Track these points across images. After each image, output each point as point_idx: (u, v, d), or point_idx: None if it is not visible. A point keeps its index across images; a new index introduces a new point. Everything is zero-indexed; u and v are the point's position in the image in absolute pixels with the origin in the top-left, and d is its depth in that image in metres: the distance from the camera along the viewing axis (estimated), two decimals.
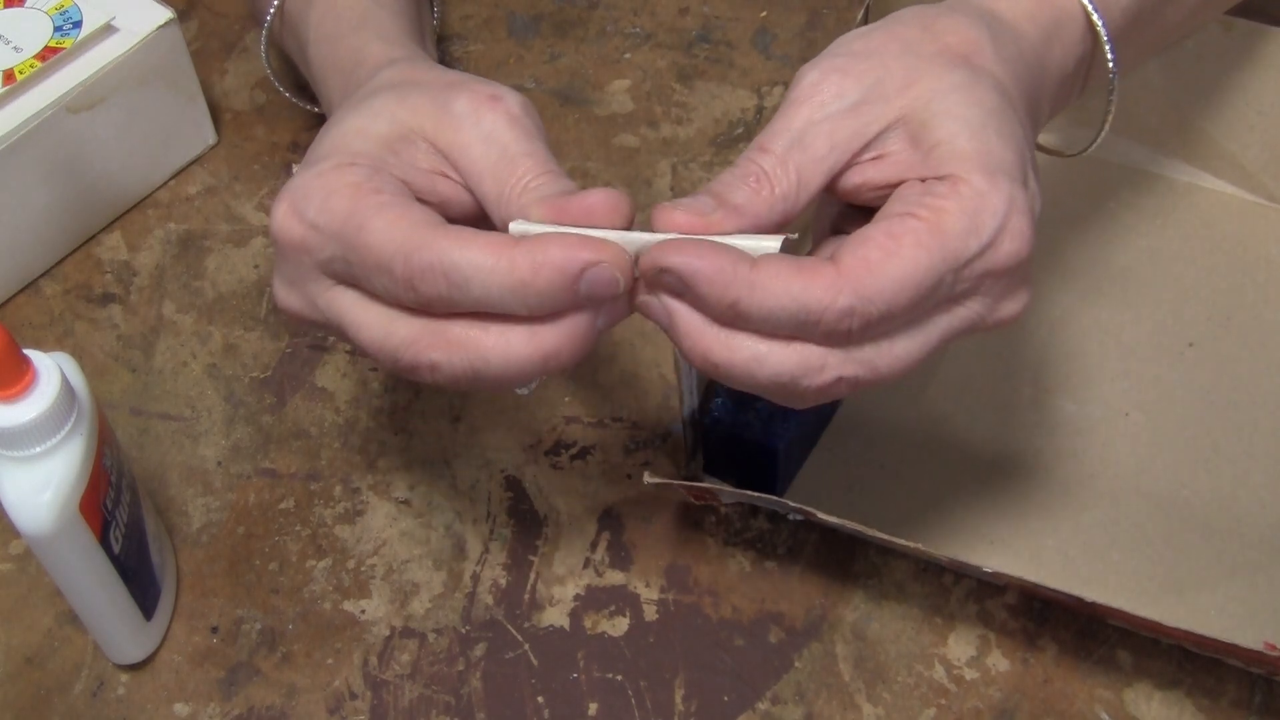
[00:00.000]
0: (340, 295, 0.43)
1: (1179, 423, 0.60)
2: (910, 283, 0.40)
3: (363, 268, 0.41)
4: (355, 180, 0.43)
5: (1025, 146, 0.43)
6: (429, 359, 0.41)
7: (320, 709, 0.53)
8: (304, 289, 0.44)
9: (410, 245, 0.40)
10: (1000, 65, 0.44)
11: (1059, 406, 0.60)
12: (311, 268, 0.43)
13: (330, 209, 0.42)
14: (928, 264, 0.40)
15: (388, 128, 0.45)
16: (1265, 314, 0.63)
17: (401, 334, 0.42)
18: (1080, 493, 0.58)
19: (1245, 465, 0.58)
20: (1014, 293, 0.43)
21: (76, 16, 0.63)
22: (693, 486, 0.55)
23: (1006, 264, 0.41)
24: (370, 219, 0.41)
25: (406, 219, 0.41)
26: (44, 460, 0.45)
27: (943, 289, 0.41)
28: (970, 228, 0.40)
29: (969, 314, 0.42)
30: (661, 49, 0.75)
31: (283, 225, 0.43)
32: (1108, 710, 0.52)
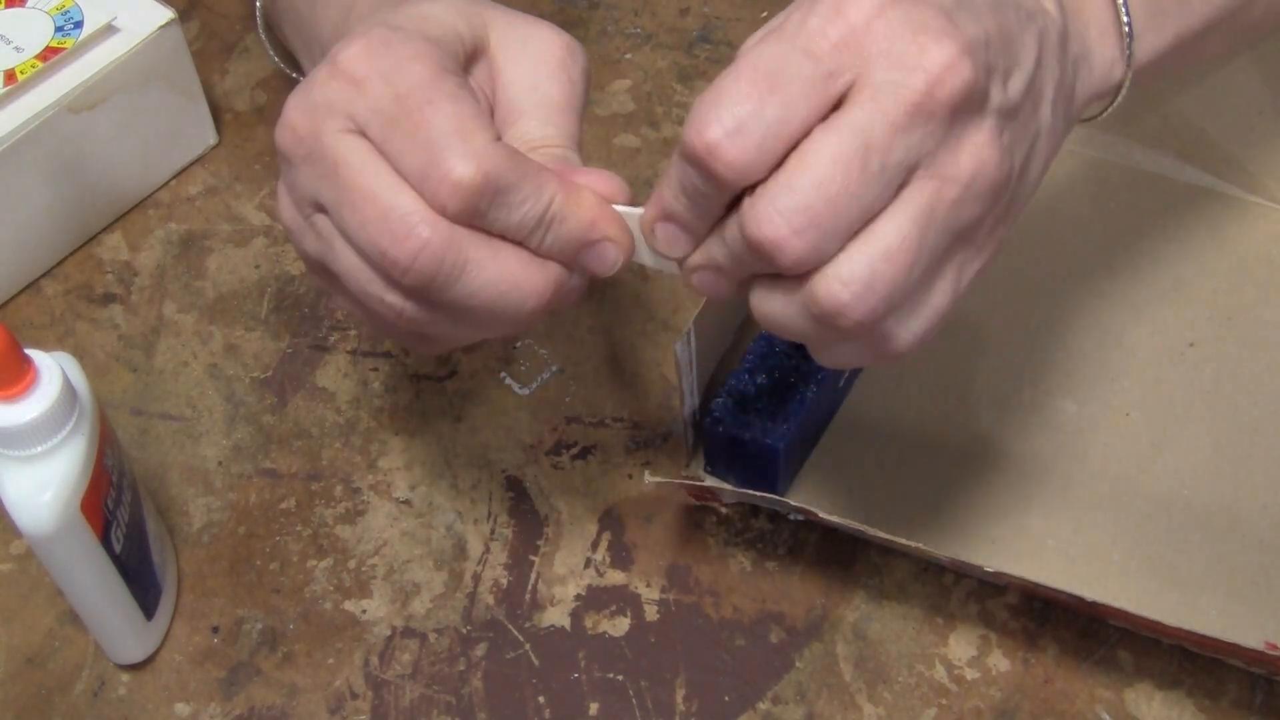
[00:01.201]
0: (350, 141, 0.41)
1: (1179, 423, 0.60)
2: (754, 71, 0.37)
3: (408, 141, 0.40)
4: (439, 59, 0.41)
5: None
6: (423, 236, 0.39)
7: (321, 709, 0.53)
8: (321, 119, 0.41)
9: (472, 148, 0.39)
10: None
11: (1059, 407, 0.60)
12: (347, 106, 0.41)
13: (406, 70, 0.40)
14: (773, 52, 0.37)
15: (464, 27, 0.44)
16: (1265, 314, 0.63)
17: (410, 207, 0.40)
18: (1081, 493, 0.58)
19: (1246, 465, 0.58)
20: (916, 42, 0.37)
21: (77, 17, 0.63)
22: (694, 486, 0.56)
23: (862, 16, 0.37)
24: (441, 101, 0.40)
25: (477, 120, 0.40)
26: (45, 460, 0.45)
27: (805, 74, 0.37)
28: (805, 11, 0.37)
29: (881, 89, 0.37)
30: (662, 49, 0.75)
31: (354, 57, 0.41)
32: (1108, 710, 0.52)
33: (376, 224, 0.40)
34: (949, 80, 0.37)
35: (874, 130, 0.37)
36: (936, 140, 0.37)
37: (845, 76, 0.37)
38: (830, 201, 0.37)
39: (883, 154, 0.37)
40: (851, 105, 0.37)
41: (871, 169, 0.37)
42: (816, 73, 0.37)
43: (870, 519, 0.52)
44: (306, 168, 0.42)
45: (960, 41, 0.37)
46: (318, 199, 0.42)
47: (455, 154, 0.39)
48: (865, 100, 0.37)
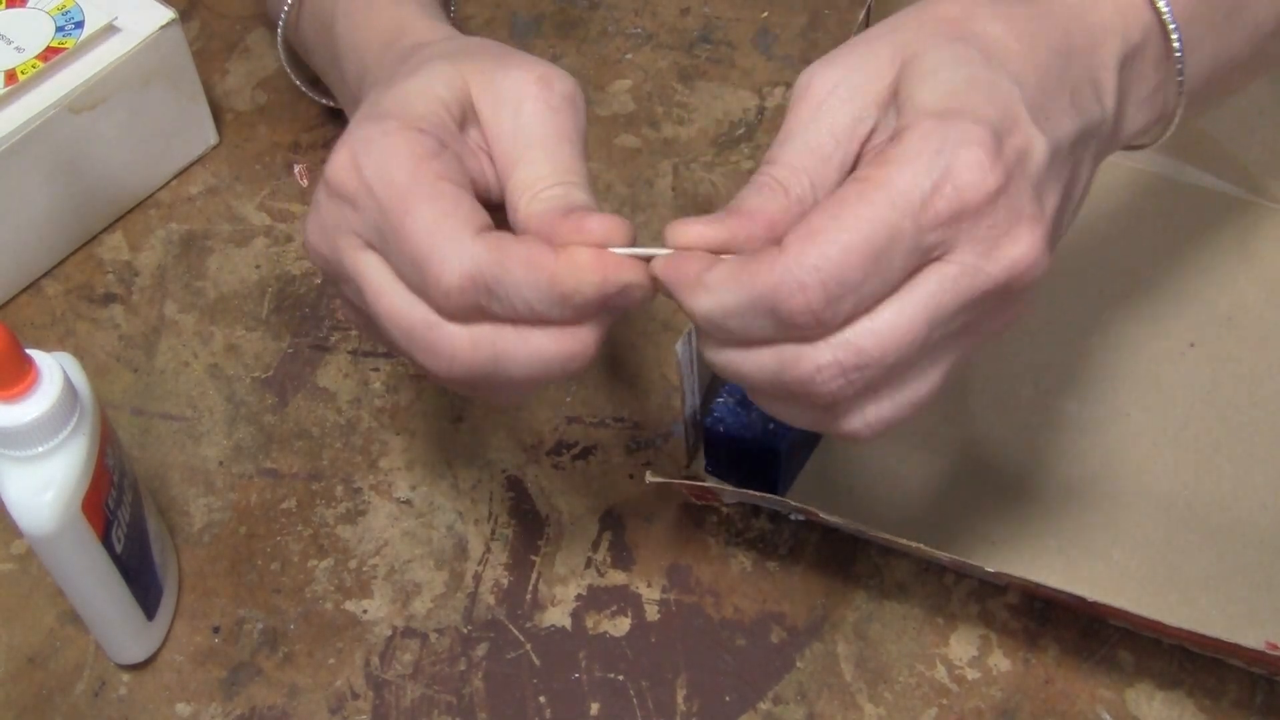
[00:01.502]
0: (368, 259, 0.42)
1: (1179, 423, 0.60)
2: (858, 242, 0.37)
3: (399, 257, 0.41)
4: (420, 152, 0.42)
5: (1012, 92, 0.40)
6: (447, 350, 0.41)
7: (322, 709, 0.53)
8: (335, 240, 0.43)
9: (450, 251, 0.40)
10: (998, 22, 0.41)
11: (1060, 407, 0.60)
12: (349, 223, 0.42)
13: (387, 175, 0.41)
14: (874, 217, 0.37)
15: (447, 92, 0.44)
16: (1265, 314, 0.63)
17: (423, 314, 0.41)
18: (1081, 493, 0.58)
19: (1246, 465, 0.58)
20: (1006, 230, 0.38)
21: (78, 17, 0.63)
22: (694, 486, 0.56)
23: (975, 198, 0.38)
24: (418, 206, 0.40)
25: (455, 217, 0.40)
26: (46, 460, 0.45)
27: (905, 243, 0.38)
28: (915, 170, 0.38)
29: (960, 269, 0.38)
30: (663, 49, 0.75)
31: (339, 174, 0.42)
32: (1109, 710, 0.52)
33: (406, 342, 0.42)
34: (1026, 274, 0.39)
35: (944, 307, 0.39)
36: (989, 314, 0.40)
37: (940, 249, 0.38)
38: (886, 365, 0.39)
39: (944, 325, 0.39)
40: (930, 274, 0.39)
41: (933, 338, 0.39)
42: (919, 246, 0.38)
43: (870, 519, 0.52)
44: (344, 285, 0.44)
45: (1044, 229, 0.39)
46: (360, 309, 0.44)
47: (436, 264, 0.40)
48: (945, 276, 0.39)
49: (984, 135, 0.38)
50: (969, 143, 0.38)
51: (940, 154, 0.38)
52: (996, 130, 0.39)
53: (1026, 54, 0.41)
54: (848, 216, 0.38)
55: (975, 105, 0.39)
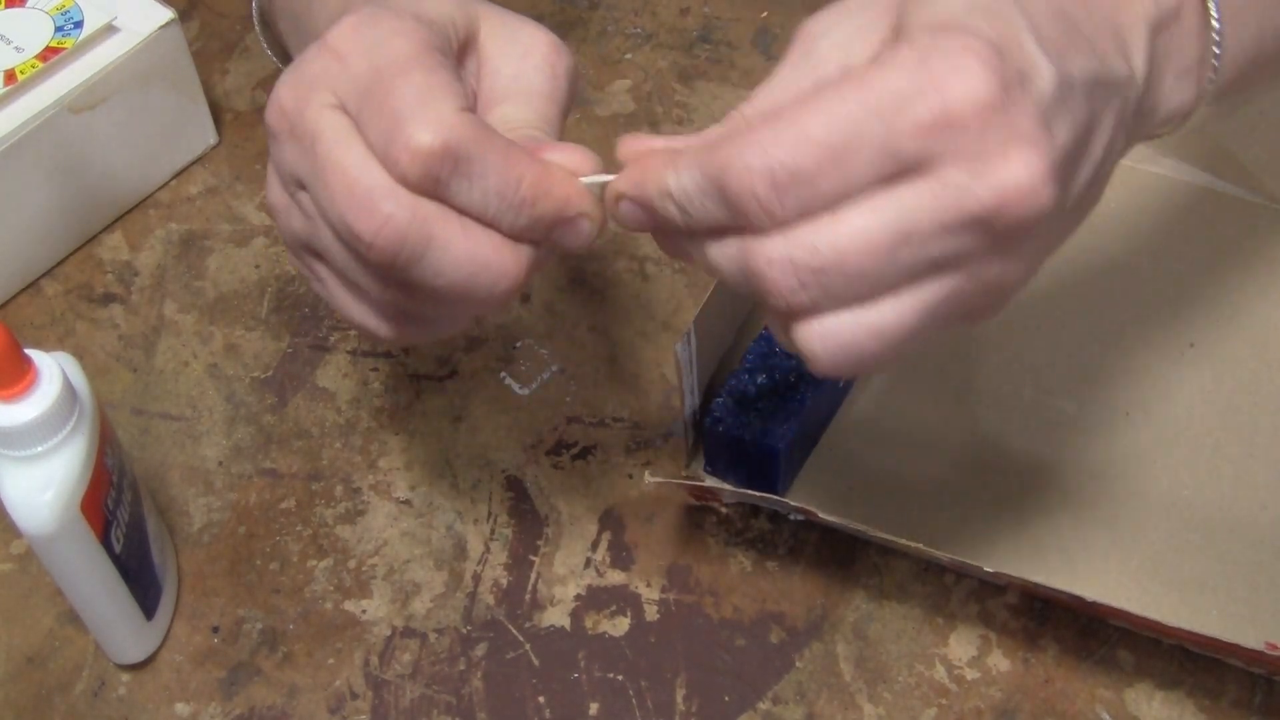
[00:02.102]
0: (333, 116, 0.40)
1: (1179, 423, 0.60)
2: (818, 133, 0.35)
3: (376, 110, 0.39)
4: (425, 36, 0.41)
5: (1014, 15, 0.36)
6: (387, 210, 0.39)
7: (321, 709, 0.53)
8: (309, 92, 0.41)
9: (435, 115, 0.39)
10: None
11: (1059, 407, 0.60)
12: (329, 80, 0.41)
13: (388, 44, 0.40)
14: (842, 112, 0.35)
15: (458, 14, 0.43)
16: (1266, 314, 0.63)
17: (376, 181, 0.39)
18: (1081, 493, 0.58)
19: (1246, 465, 0.58)
20: (1000, 149, 0.35)
21: (78, 16, 0.63)
22: (694, 486, 0.56)
23: (963, 108, 0.34)
24: (414, 71, 0.39)
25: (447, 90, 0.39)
26: (45, 460, 0.45)
27: (873, 144, 0.35)
28: (899, 76, 0.35)
29: (943, 187, 0.35)
30: (662, 49, 0.75)
31: (341, 33, 0.41)
32: (1109, 710, 0.52)
33: (344, 198, 0.39)
34: (1021, 204, 0.35)
35: (919, 224, 0.35)
36: (979, 251, 0.36)
37: (922, 163, 0.35)
38: (845, 274, 0.36)
39: (917, 248, 0.36)
40: (907, 186, 0.35)
41: (900, 259, 0.36)
42: (888, 154, 0.35)
43: (870, 519, 0.52)
44: (290, 144, 0.42)
45: (1049, 160, 0.35)
46: (299, 175, 0.42)
47: (417, 121, 0.38)
48: (924, 191, 0.35)
49: (980, 46, 0.35)
50: (965, 51, 0.35)
51: (927, 60, 0.35)
52: (996, 46, 0.35)
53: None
54: (814, 106, 0.35)
55: (974, 24, 0.36)
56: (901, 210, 0.35)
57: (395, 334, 0.44)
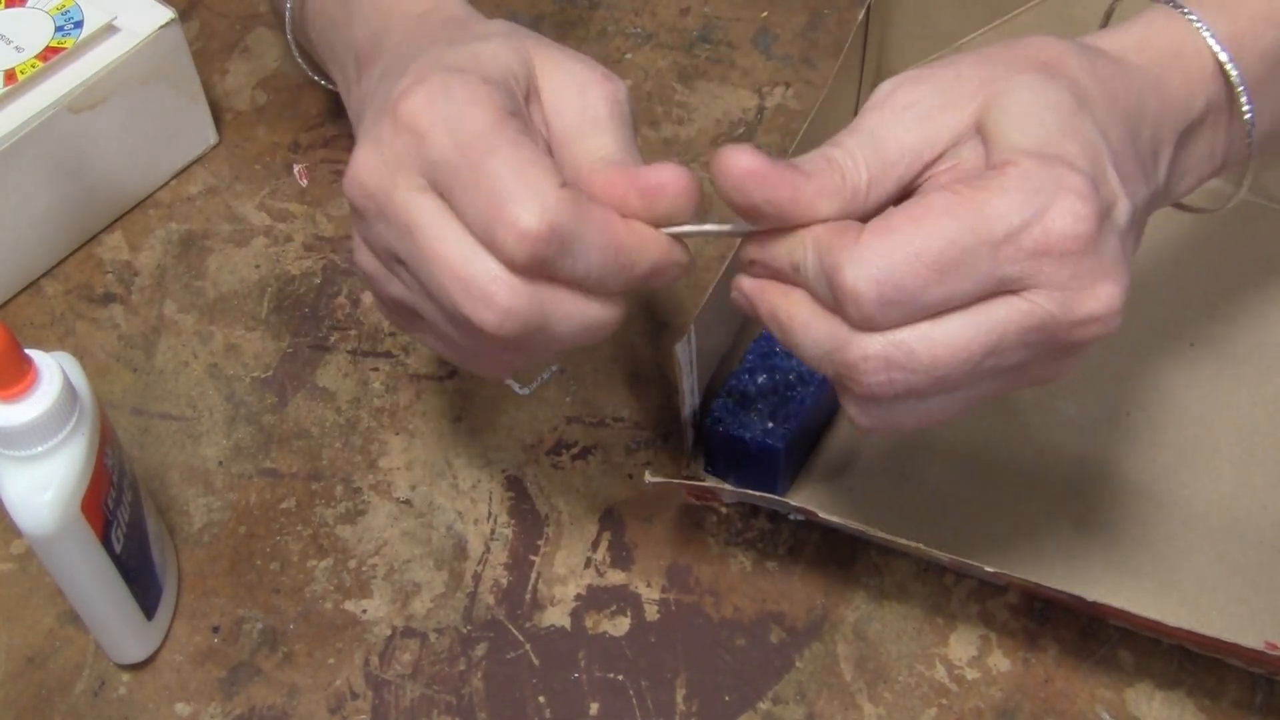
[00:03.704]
0: (425, 199, 0.41)
1: (1179, 423, 0.60)
2: (930, 250, 0.37)
3: (472, 192, 0.39)
4: (500, 102, 0.41)
5: (1101, 148, 0.40)
6: (505, 304, 0.40)
7: (321, 709, 0.53)
8: (393, 174, 0.41)
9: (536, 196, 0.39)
10: (1085, 73, 0.41)
11: (1059, 407, 0.60)
12: (414, 160, 0.41)
13: (468, 118, 0.40)
14: (953, 234, 0.37)
15: (516, 62, 0.43)
16: (1265, 314, 0.63)
17: (488, 271, 0.40)
18: (1080, 492, 0.58)
19: (1246, 465, 0.58)
20: (1089, 284, 0.38)
21: (78, 16, 0.63)
22: (694, 486, 0.56)
23: (1062, 244, 0.37)
24: (503, 148, 0.40)
25: (540, 166, 0.40)
26: (45, 460, 0.45)
27: (979, 268, 0.37)
28: (1009, 203, 0.37)
29: (1034, 308, 0.38)
30: (662, 49, 0.75)
31: (414, 107, 0.41)
32: (1109, 710, 0.52)
33: (457, 290, 0.40)
34: (1098, 331, 0.39)
35: (1006, 338, 0.38)
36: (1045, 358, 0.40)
37: (1019, 283, 0.38)
38: (932, 376, 0.39)
39: (1002, 357, 0.39)
40: (1000, 303, 0.38)
41: (983, 366, 0.39)
42: (991, 277, 0.38)
43: (870, 519, 0.52)
44: (381, 224, 0.42)
45: (1125, 291, 0.39)
46: (396, 254, 0.42)
47: (519, 204, 0.39)
48: (1016, 309, 0.38)
49: (1083, 185, 0.38)
50: (1068, 190, 0.38)
51: (1039, 193, 0.38)
52: (1093, 182, 0.38)
53: (1108, 111, 0.41)
54: (928, 224, 0.38)
55: (1072, 153, 0.39)
56: (993, 325, 0.38)
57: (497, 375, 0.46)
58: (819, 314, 0.40)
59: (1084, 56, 0.42)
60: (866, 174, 0.40)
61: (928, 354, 0.38)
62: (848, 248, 0.38)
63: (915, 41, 0.71)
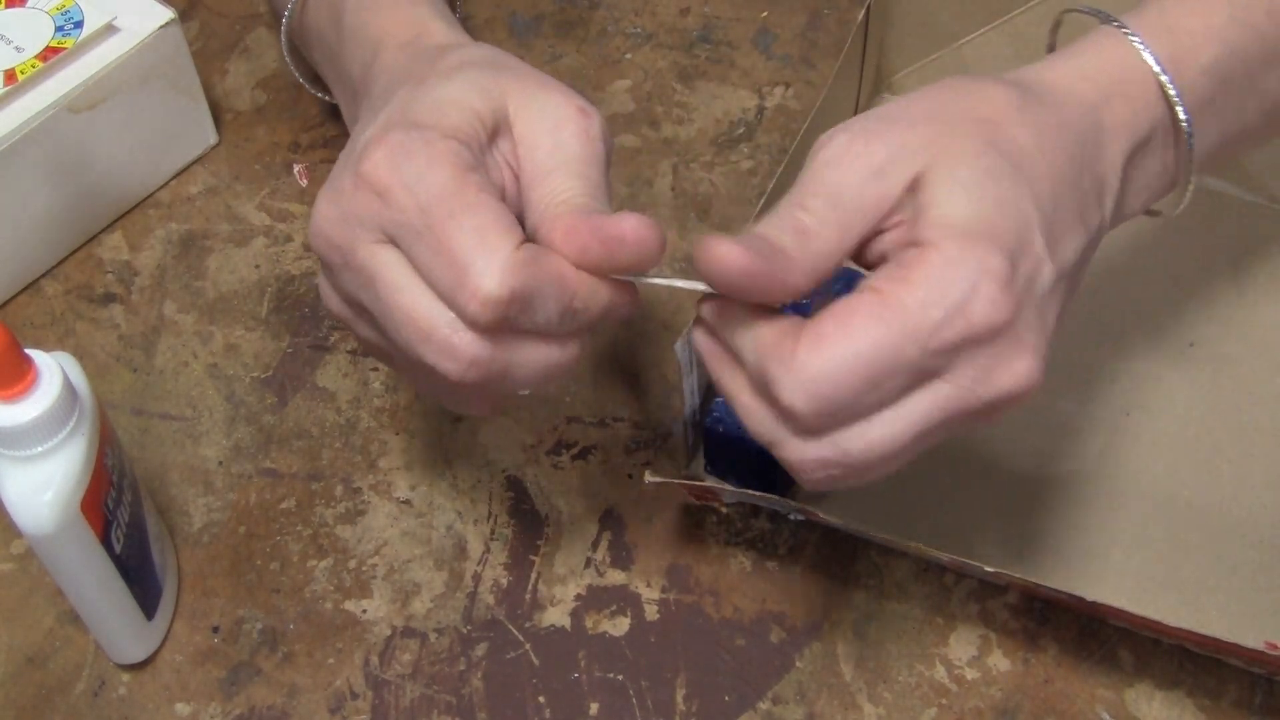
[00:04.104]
0: (386, 254, 0.42)
1: (1179, 423, 0.60)
2: (861, 362, 0.38)
3: (435, 256, 0.41)
4: (461, 162, 0.42)
5: (1031, 217, 0.41)
6: (468, 355, 0.41)
7: (321, 709, 0.53)
8: (355, 230, 0.42)
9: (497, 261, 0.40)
10: (1027, 130, 0.42)
11: (1060, 407, 0.60)
12: (375, 218, 0.42)
13: (427, 179, 0.41)
14: (880, 340, 0.39)
15: (482, 103, 0.44)
16: (1265, 314, 0.63)
17: (450, 325, 0.41)
18: (1080, 493, 0.58)
19: (1246, 465, 0.58)
20: (1006, 361, 0.40)
21: (78, 16, 0.63)
22: (694, 486, 0.56)
23: (981, 331, 0.39)
24: (463, 213, 0.41)
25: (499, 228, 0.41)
26: (45, 460, 0.45)
27: (907, 367, 0.39)
28: (931, 297, 0.39)
29: (955, 390, 0.40)
30: (662, 49, 0.75)
31: (377, 169, 0.42)
32: (1109, 710, 0.52)
33: (421, 344, 0.42)
34: (1017, 398, 0.41)
35: (933, 421, 0.40)
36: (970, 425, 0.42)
37: (936, 370, 0.40)
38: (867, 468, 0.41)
39: (930, 435, 0.41)
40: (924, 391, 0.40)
41: (914, 447, 0.41)
42: (918, 371, 0.39)
43: (870, 519, 0.52)
44: (346, 275, 0.44)
45: (1043, 357, 0.41)
46: (362, 304, 0.44)
47: (479, 271, 0.40)
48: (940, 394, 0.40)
49: (1001, 268, 0.39)
50: (987, 276, 0.39)
51: (961, 281, 0.39)
52: (1013, 258, 0.40)
53: (1047, 169, 0.42)
54: (857, 332, 0.39)
55: (997, 231, 0.40)
56: (921, 414, 0.40)
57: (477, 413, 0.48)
58: (759, 404, 0.42)
59: (1026, 109, 0.43)
60: (836, 239, 0.41)
61: (861, 451, 0.40)
62: (784, 361, 0.39)
63: (915, 41, 0.71)
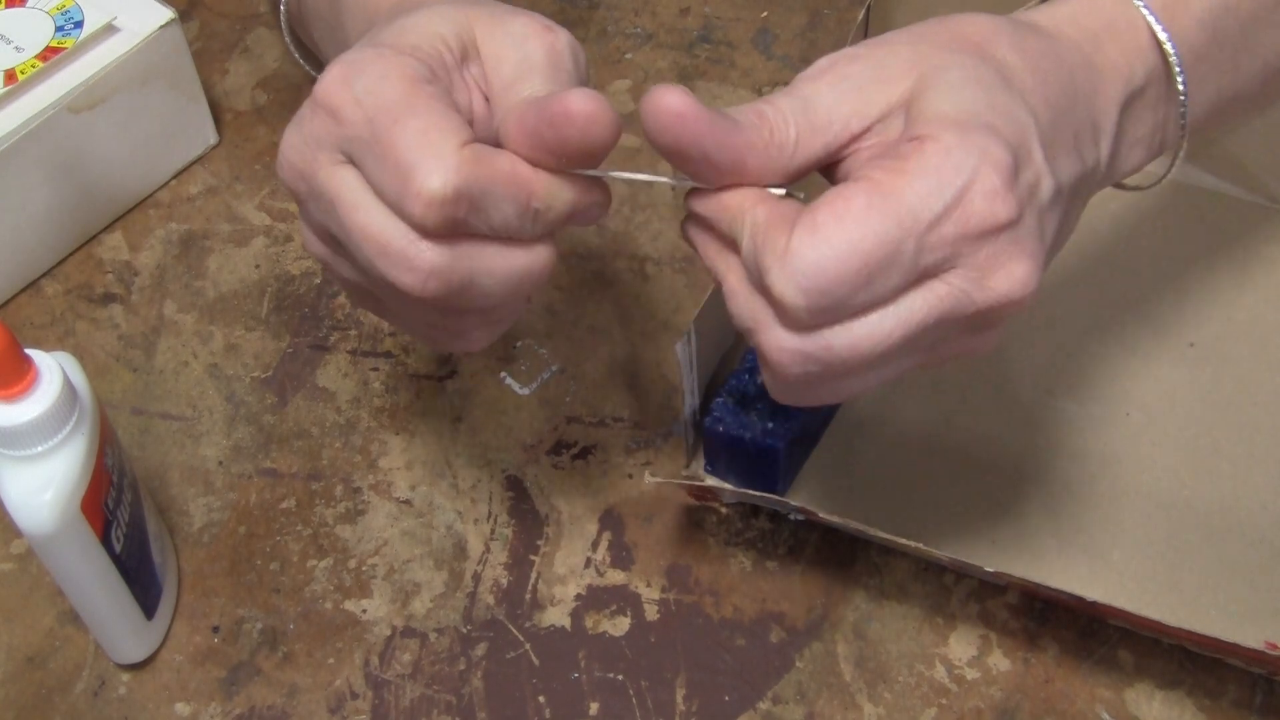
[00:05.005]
0: (344, 173, 0.42)
1: (1179, 423, 0.60)
2: (857, 254, 0.37)
3: (381, 164, 0.40)
4: (412, 73, 0.42)
5: (1028, 123, 0.40)
6: (425, 264, 0.40)
7: (321, 708, 0.53)
8: (314, 152, 0.42)
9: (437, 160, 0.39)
10: (1016, 54, 0.42)
11: (1059, 406, 0.60)
12: (330, 137, 0.42)
13: (378, 90, 0.41)
14: (878, 230, 0.37)
15: (448, 28, 0.44)
16: (1265, 314, 0.63)
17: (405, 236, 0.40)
18: (1080, 493, 0.58)
19: (1246, 465, 0.58)
20: (1004, 263, 0.38)
21: (78, 16, 0.63)
22: (694, 486, 0.56)
23: (981, 225, 0.38)
24: (407, 117, 0.40)
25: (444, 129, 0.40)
26: (45, 460, 0.45)
27: (904, 258, 0.38)
28: (930, 187, 0.37)
29: (950, 290, 0.38)
30: (662, 49, 0.75)
31: (329, 87, 0.42)
32: (1109, 710, 0.52)
33: (380, 258, 0.41)
34: (1012, 306, 0.39)
35: (924, 323, 0.39)
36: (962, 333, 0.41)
37: (936, 267, 0.38)
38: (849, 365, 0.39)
39: (919, 340, 0.39)
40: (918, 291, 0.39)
41: (901, 349, 0.39)
42: (916, 265, 0.38)
43: (870, 519, 0.52)
44: (313, 203, 0.43)
45: (1040, 266, 0.39)
46: (333, 233, 0.43)
47: (422, 171, 0.39)
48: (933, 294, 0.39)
49: (1004, 159, 0.38)
50: (988, 166, 0.38)
51: (959, 171, 0.38)
52: (1015, 155, 0.39)
53: (1039, 89, 0.41)
54: (852, 223, 0.37)
55: (997, 125, 0.39)
56: (912, 314, 0.39)
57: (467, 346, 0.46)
58: (748, 290, 0.40)
59: (1015, 35, 0.42)
60: (795, 134, 0.41)
61: (847, 348, 0.39)
62: (778, 253, 0.38)
63: None
